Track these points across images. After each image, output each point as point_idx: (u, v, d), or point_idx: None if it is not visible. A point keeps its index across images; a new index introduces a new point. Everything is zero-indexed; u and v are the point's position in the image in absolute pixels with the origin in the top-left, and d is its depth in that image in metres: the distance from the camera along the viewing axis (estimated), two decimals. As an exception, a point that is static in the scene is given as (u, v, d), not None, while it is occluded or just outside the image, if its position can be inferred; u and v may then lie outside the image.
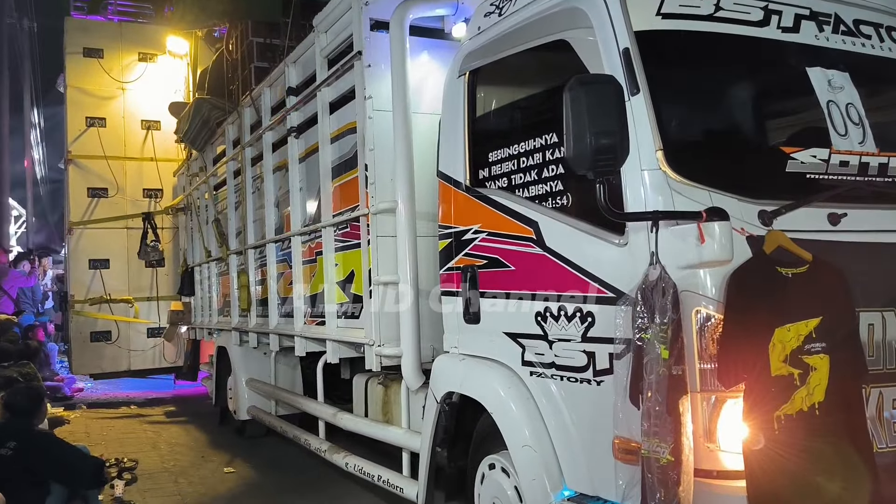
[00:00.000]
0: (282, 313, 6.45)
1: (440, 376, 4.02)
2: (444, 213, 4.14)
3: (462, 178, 3.97)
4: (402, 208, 4.37)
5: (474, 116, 3.98)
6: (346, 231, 5.11)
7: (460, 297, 3.97)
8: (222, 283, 8.53)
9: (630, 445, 2.82)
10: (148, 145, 11.06)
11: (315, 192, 5.68)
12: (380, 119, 4.61)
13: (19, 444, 4.34)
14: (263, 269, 6.89)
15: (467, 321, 3.92)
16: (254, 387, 7.48)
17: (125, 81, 11.02)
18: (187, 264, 10.00)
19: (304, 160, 5.91)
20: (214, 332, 8.89)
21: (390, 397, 5.05)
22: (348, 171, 5.07)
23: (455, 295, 4.03)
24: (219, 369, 8.54)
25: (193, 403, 10.58)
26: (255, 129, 7.08)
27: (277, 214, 6.53)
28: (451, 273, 4.05)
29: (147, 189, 11.04)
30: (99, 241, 10.74)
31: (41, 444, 4.57)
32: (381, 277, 4.50)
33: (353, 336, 4.91)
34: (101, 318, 10.60)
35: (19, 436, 4.44)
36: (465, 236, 3.94)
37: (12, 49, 20.64)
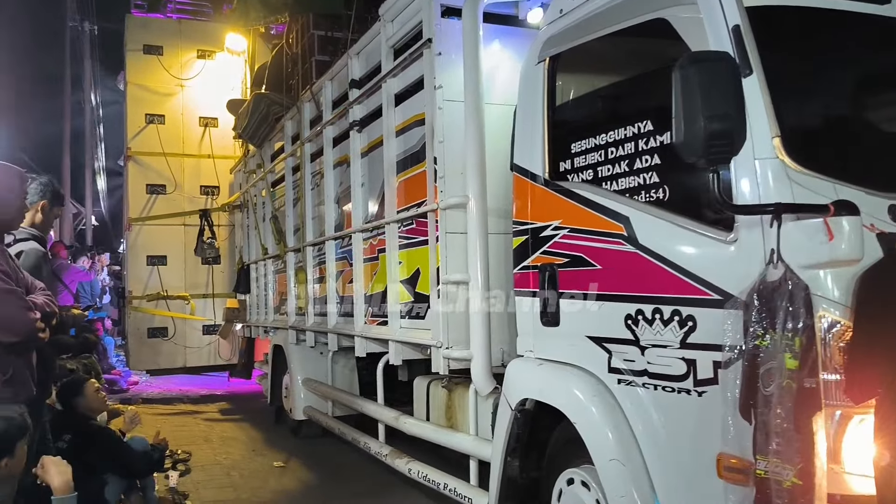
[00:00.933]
0: (341, 312, 6.29)
1: (515, 382, 3.78)
2: (520, 209, 3.90)
3: (540, 170, 3.73)
4: (474, 203, 4.14)
5: (554, 105, 3.74)
6: (411, 228, 4.91)
7: (537, 298, 3.73)
8: (279, 281, 8.44)
9: (739, 464, 2.54)
10: (205, 142, 11.07)
11: (378, 188, 5.50)
12: (450, 110, 4.39)
13: (74, 438, 4.33)
14: (322, 267, 6.75)
15: (545, 323, 3.67)
16: (310, 387, 7.34)
17: (184, 78, 11.05)
18: (243, 262, 9.95)
19: (367, 155, 5.74)
20: (270, 331, 8.80)
21: (454, 402, 4.83)
22: (414, 166, 4.87)
23: (531, 295, 3.79)
24: (274, 368, 8.43)
25: (247, 401, 10.54)
26: (314, 124, 6.95)
27: (337, 211, 6.37)
28: (527, 272, 3.82)
29: (204, 186, 11.05)
30: (157, 237, 10.78)
31: (96, 438, 4.55)
32: (450, 276, 4.28)
33: (419, 337, 4.70)
34: (157, 315, 10.63)
35: (75, 429, 4.43)
36: (543, 233, 3.69)
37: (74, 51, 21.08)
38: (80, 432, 4.43)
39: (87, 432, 4.51)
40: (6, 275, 3.22)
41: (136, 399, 10.30)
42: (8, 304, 3.18)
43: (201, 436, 8.15)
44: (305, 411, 7.38)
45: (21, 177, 3.47)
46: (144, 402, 10.39)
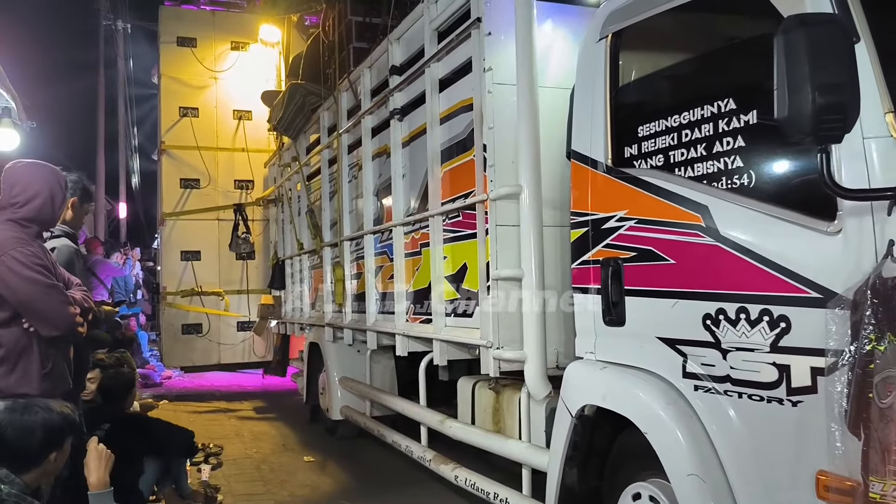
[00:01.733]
0: (381, 309, 6.04)
1: (575, 386, 3.49)
2: (578, 199, 3.61)
3: (602, 157, 3.44)
4: (528, 193, 3.86)
5: (617, 86, 3.44)
6: (457, 220, 4.64)
7: (599, 296, 3.44)
8: (314, 277, 8.23)
9: (846, 484, 2.23)
10: (239, 135, 10.91)
11: (420, 179, 5.23)
12: (501, 94, 4.11)
13: (112, 427, 4.41)
14: (360, 263, 6.51)
15: (608, 323, 3.38)
16: (347, 386, 7.12)
17: (218, 71, 10.90)
18: (278, 257, 9.77)
19: (408, 144, 5.48)
20: (306, 328, 8.60)
21: (502, 405, 4.56)
22: (461, 154, 4.60)
23: (592, 292, 3.50)
24: (310, 366, 8.23)
25: (281, 398, 10.40)
26: (352, 114, 6.71)
27: (376, 204, 6.13)
28: (587, 267, 3.53)
29: (238, 180, 10.90)
30: (190, 232, 10.65)
31: (132, 425, 4.80)
32: (501, 272, 4.00)
33: (466, 337, 4.43)
34: (192, 311, 10.50)
35: (112, 419, 4.56)
36: (605, 224, 3.40)
37: (108, 49, 21.22)
38: (117, 421, 4.55)
39: (124, 419, 4.75)
40: (48, 270, 3.29)
41: (168, 395, 10.27)
42: (51, 299, 3.25)
43: (233, 430, 8.13)
44: (342, 411, 7.16)
45: (59, 175, 3.54)
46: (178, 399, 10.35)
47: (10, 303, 3.20)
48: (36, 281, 3.20)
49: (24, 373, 3.22)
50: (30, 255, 3.21)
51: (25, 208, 3.33)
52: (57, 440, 2.90)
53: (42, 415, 2.86)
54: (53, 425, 2.88)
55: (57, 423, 2.91)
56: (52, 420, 2.88)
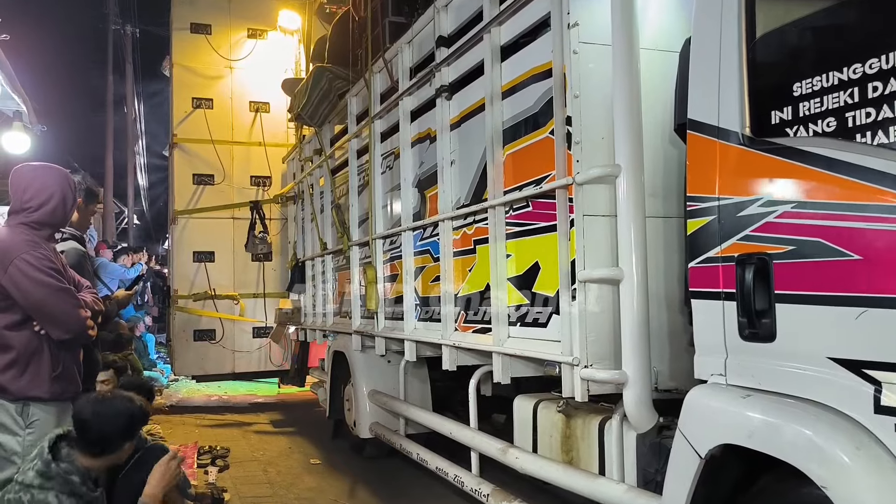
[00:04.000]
0: (422, 316, 5.30)
1: (703, 419, 2.72)
2: (698, 180, 2.87)
3: (737, 125, 2.70)
4: (627, 175, 3.11)
5: (756, 33, 2.70)
6: (525, 212, 3.90)
7: (732, 302, 2.69)
8: (339, 280, 7.50)
9: None
10: (256, 128, 10.18)
11: (473, 166, 4.50)
12: (589, 54, 3.38)
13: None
14: (396, 263, 5.77)
15: (747, 338, 2.63)
16: (378, 401, 6.38)
17: (233, 59, 10.16)
18: (297, 258, 9.05)
19: (458, 126, 4.74)
20: (329, 335, 7.87)
21: (575, 432, 3.82)
22: (530, 133, 3.86)
23: (720, 298, 2.75)
24: (334, 377, 7.49)
25: (300, 410, 9.71)
26: (386, 97, 5.98)
27: (417, 196, 5.39)
28: (714, 266, 2.78)
29: (255, 176, 10.16)
30: (204, 231, 9.92)
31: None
32: (592, 272, 3.25)
33: (539, 351, 3.67)
34: (204, 316, 9.79)
35: None
36: (742, 211, 2.65)
37: (116, 55, 20.81)
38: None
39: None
40: (59, 273, 3.34)
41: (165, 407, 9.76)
42: (62, 301, 3.30)
43: (240, 433, 7.86)
44: (372, 428, 6.42)
45: (69, 177, 3.57)
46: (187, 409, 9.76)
47: (22, 305, 3.26)
48: (47, 284, 3.24)
49: (34, 375, 3.28)
50: (41, 259, 3.25)
51: (39, 212, 3.36)
52: (135, 430, 3.17)
53: (126, 404, 3.14)
54: (135, 414, 3.14)
55: (138, 413, 3.17)
56: (134, 410, 3.14)
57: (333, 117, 7.48)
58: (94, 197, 4.52)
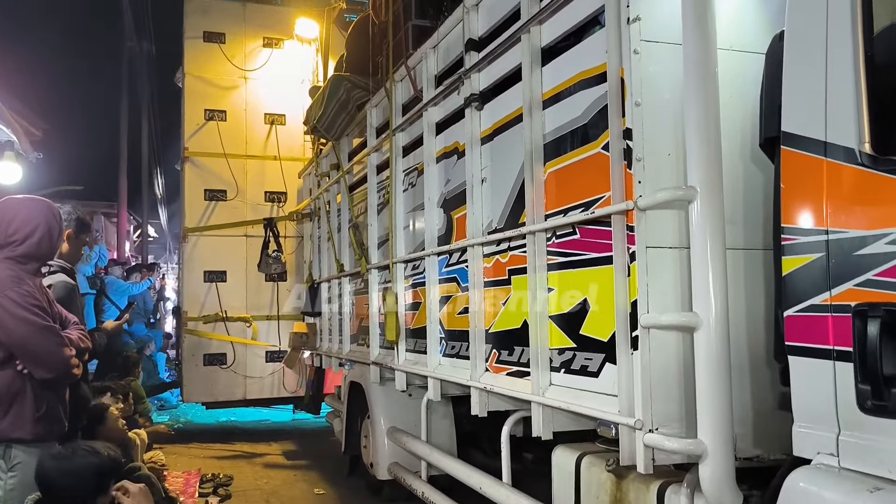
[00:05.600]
0: (447, 351, 4.75)
1: None
2: (799, 208, 2.32)
3: (853, 140, 2.14)
4: (703, 200, 2.54)
5: (873, 28, 2.15)
6: (570, 239, 3.34)
7: (847, 364, 2.12)
8: (357, 304, 6.96)
9: None
10: (271, 142, 9.73)
11: (508, 184, 3.95)
12: (653, 55, 2.83)
13: None
14: (419, 290, 5.23)
15: (871, 410, 2.06)
16: (397, 439, 5.81)
17: (248, 69, 9.73)
18: (313, 279, 8.54)
19: (490, 140, 4.20)
20: (346, 363, 7.34)
21: (627, 496, 3.24)
22: (578, 148, 3.31)
23: (829, 356, 2.18)
24: (350, 409, 6.94)
25: (314, 440, 9.19)
26: (409, 108, 5.46)
27: (443, 217, 4.85)
28: (820, 317, 2.21)
29: (269, 192, 9.70)
30: (215, 249, 9.45)
31: None
32: (659, 318, 2.68)
33: (591, 406, 3.09)
34: (215, 339, 9.30)
35: None
36: (863, 249, 2.09)
37: (131, 71, 20.63)
38: None
39: None
40: (43, 311, 3.24)
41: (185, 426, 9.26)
42: (45, 341, 3.21)
43: (245, 460, 7.53)
44: (391, 469, 5.86)
45: (54, 208, 3.48)
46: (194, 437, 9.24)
47: (5, 344, 3.16)
48: (31, 322, 3.15)
49: (17, 416, 3.18)
50: (25, 295, 3.16)
51: (24, 245, 3.27)
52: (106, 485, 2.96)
53: (90, 459, 2.94)
54: (104, 468, 2.95)
55: (108, 465, 2.98)
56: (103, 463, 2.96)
57: (352, 130, 6.99)
58: (86, 227, 4.40)
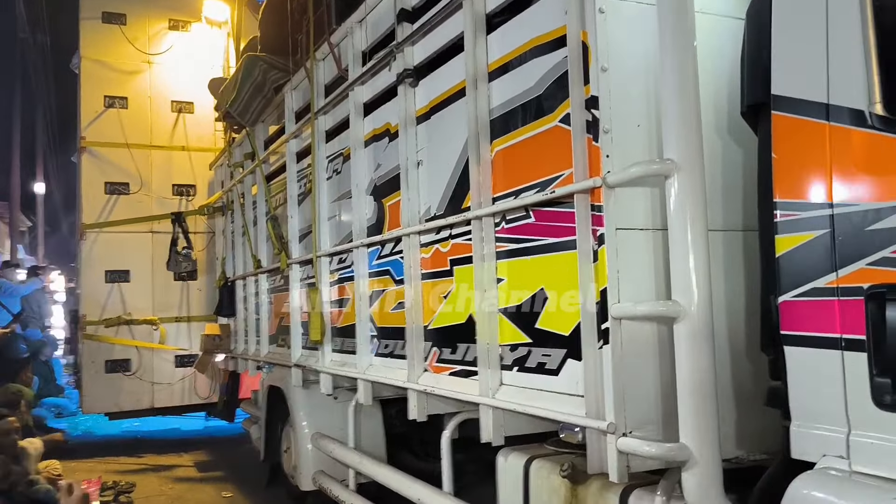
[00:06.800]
0: (380, 351, 4.37)
1: None
2: (795, 179, 2.07)
3: (861, 100, 1.90)
4: (683, 175, 2.26)
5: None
6: (523, 224, 3.02)
7: (860, 353, 1.88)
8: (276, 303, 6.49)
9: None
10: (179, 131, 9.09)
11: (449, 167, 3.61)
12: (621, 15, 2.54)
13: None
14: (346, 286, 4.83)
15: (889, 406, 1.82)
16: (322, 446, 5.39)
17: (152, 53, 9.07)
18: (226, 277, 7.98)
19: (426, 119, 3.85)
20: (264, 366, 6.84)
21: (584, 503, 2.96)
22: (531, 122, 2.99)
23: (837, 346, 1.93)
24: (269, 415, 6.45)
25: (229, 448, 8.62)
26: (333, 88, 5.04)
27: (373, 205, 4.46)
28: (824, 301, 1.96)
29: (177, 185, 9.07)
30: (117, 247, 8.73)
31: None
32: (635, 308, 2.39)
33: (551, 408, 2.78)
34: (118, 344, 8.60)
35: None
36: (878, 223, 1.84)
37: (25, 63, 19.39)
38: None
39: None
40: None
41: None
42: None
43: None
44: (315, 479, 5.43)
45: None
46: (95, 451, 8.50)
47: None
48: None
49: None
50: None
51: None
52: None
53: None
54: None
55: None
56: None
57: (268, 115, 6.50)
58: None
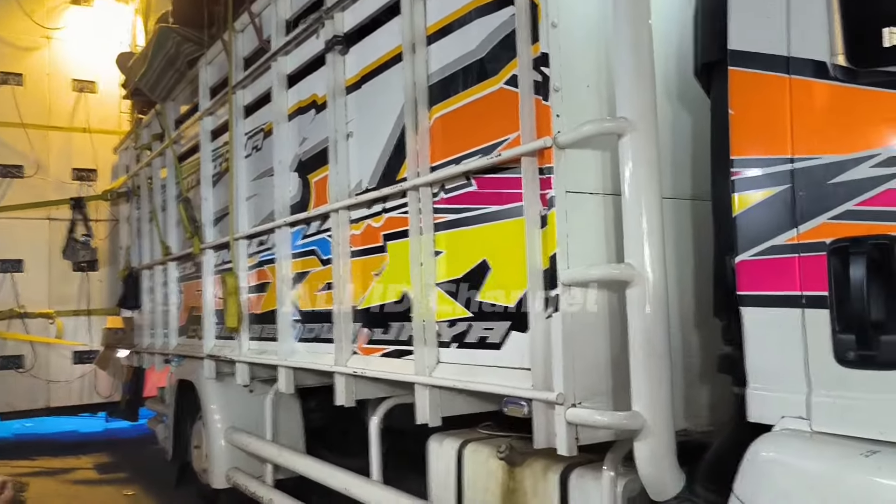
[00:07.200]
0: (303, 335, 4.15)
1: (793, 489, 1.82)
2: (754, 136, 2.02)
3: (823, 52, 1.86)
4: (638, 134, 2.18)
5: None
6: (464, 192, 2.88)
7: (822, 310, 1.83)
8: (187, 292, 6.13)
9: None
10: (80, 112, 8.56)
11: (382, 137, 3.43)
12: (571, -31, 2.44)
13: None
14: (267, 269, 4.58)
15: (852, 362, 1.77)
16: (237, 441, 5.10)
17: (51, 28, 8.51)
18: (131, 267, 7.53)
19: (357, 88, 3.66)
20: (172, 360, 6.46)
21: (522, 485, 2.86)
22: (473, 86, 2.85)
23: (798, 304, 1.88)
24: (178, 412, 6.09)
25: (132, 449, 8.13)
26: (252, 62, 4.78)
27: (298, 182, 4.23)
28: (783, 258, 1.92)
29: (77, 169, 8.56)
30: (10, 234, 8.16)
31: None
32: (587, 272, 2.29)
33: (494, 382, 2.64)
34: (10, 339, 8.00)
35: None
36: (841, 176, 1.80)
37: None
38: None
39: None
40: None
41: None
42: None
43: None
44: (229, 476, 5.13)
45: None
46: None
47: None
48: None
49: None
50: None
51: None
52: None
53: None
54: None
55: None
56: None
57: (180, 92, 6.14)
58: None
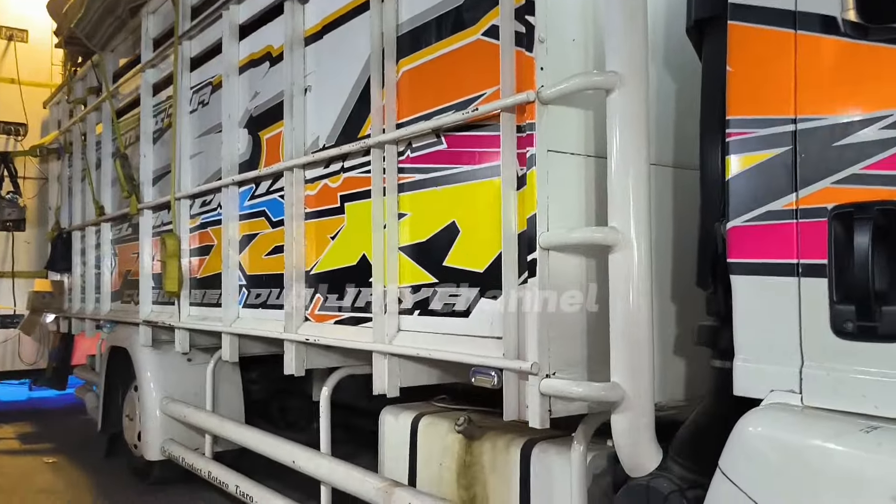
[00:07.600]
0: (250, 301, 3.93)
1: (787, 466, 1.73)
2: (754, 94, 1.93)
3: (834, 6, 1.75)
4: (627, 89, 2.05)
5: None
6: (433, 151, 2.72)
7: (820, 279, 1.75)
8: (122, 254, 5.81)
9: None
10: (9, 62, 8.02)
11: (344, 92, 3.24)
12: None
13: None
14: (211, 231, 4.33)
15: (852, 334, 1.69)
16: (174, 412, 4.86)
17: (-23, -31, 7.94)
18: (60, 227, 7.12)
19: (317, 39, 3.45)
20: (104, 325, 6.13)
21: (480, 459, 2.77)
22: (447, 37, 2.68)
23: (793, 273, 1.80)
24: (110, 380, 5.79)
25: (59, 420, 7.76)
26: (200, 11, 4.50)
27: (248, 139, 3.99)
28: (781, 224, 1.82)
29: (5, 122, 8.02)
30: (-71, 191, 7.62)
31: None
32: (568, 235, 2.17)
33: (462, 351, 2.51)
34: (-75, 301, 7.52)
35: None
36: (846, 138, 1.71)
37: None
38: None
39: None
40: None
41: None
42: None
43: None
44: (164, 448, 4.90)
45: None
46: None
47: None
48: None
49: None
50: None
51: None
52: None
53: None
54: None
55: None
56: None
57: (121, 42, 5.77)
58: None
